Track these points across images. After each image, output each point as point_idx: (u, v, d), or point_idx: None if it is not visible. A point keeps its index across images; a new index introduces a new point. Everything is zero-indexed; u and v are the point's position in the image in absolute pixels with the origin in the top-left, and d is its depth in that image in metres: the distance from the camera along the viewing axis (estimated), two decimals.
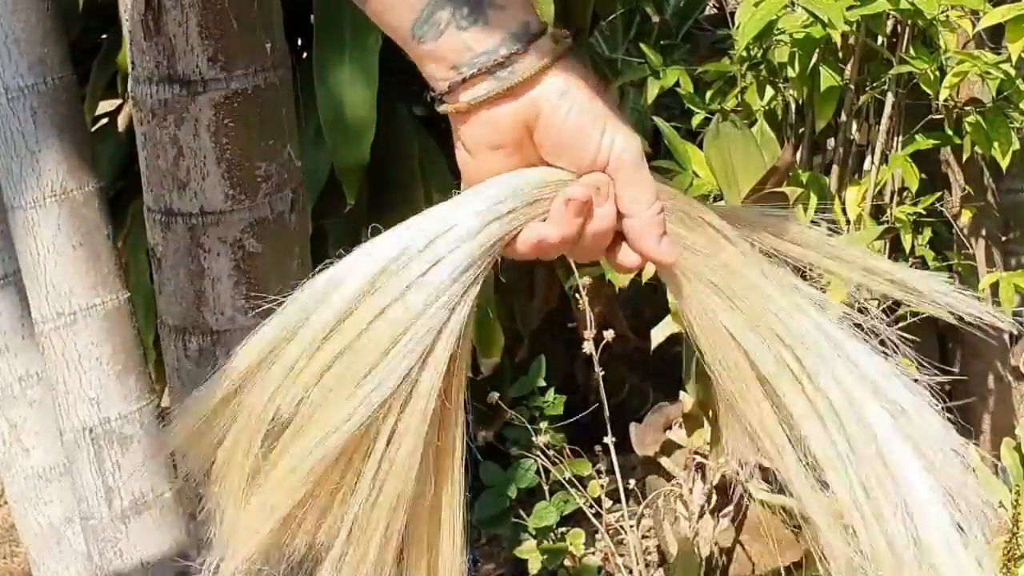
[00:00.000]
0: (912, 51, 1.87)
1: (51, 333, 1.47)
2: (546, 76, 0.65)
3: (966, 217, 2.19)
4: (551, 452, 1.95)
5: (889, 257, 2.04)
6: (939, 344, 2.40)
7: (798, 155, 2.02)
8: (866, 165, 2.02)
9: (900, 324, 0.71)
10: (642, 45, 2.11)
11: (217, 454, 0.68)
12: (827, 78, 1.89)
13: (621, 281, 1.91)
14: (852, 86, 1.95)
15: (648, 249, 0.68)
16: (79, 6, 2.06)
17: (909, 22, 1.88)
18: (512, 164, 0.68)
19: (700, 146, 1.96)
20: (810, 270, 0.74)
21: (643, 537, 2.19)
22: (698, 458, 1.92)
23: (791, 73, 1.89)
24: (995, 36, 2.00)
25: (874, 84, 1.95)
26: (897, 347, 0.73)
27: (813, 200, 1.93)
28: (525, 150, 0.67)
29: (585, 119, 0.66)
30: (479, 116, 0.66)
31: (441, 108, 0.67)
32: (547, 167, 0.68)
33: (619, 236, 0.70)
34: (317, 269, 0.68)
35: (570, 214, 0.66)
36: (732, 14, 1.98)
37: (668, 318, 1.84)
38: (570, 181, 0.67)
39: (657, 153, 2.14)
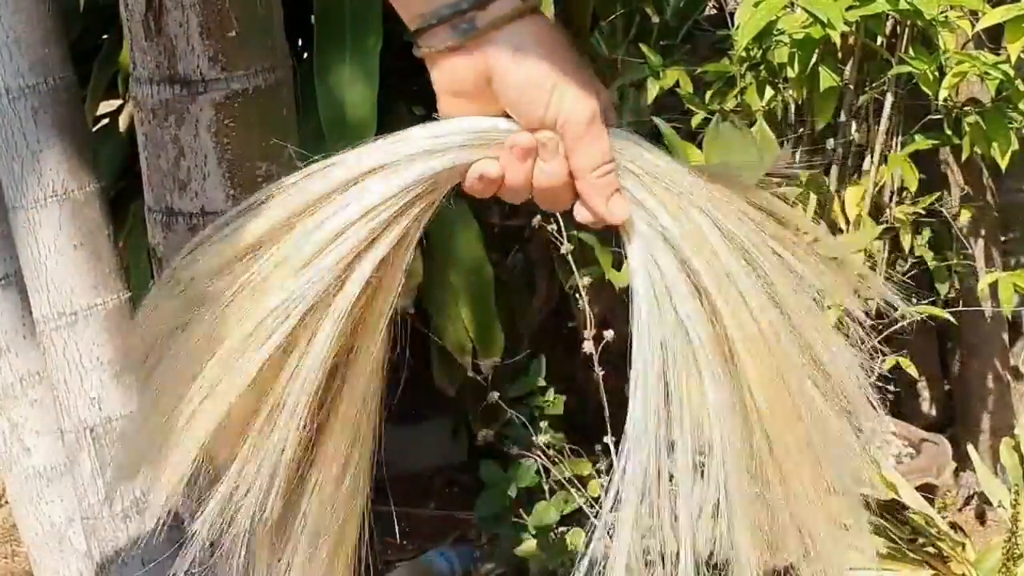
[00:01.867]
0: (911, 51, 1.88)
1: (52, 333, 1.47)
2: (501, 33, 0.67)
3: (965, 217, 2.19)
4: (551, 452, 1.95)
5: (889, 257, 2.05)
6: (939, 344, 2.41)
7: (798, 155, 2.02)
8: (865, 165, 2.02)
9: (899, 324, 0.71)
10: (642, 45, 2.11)
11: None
12: (826, 78, 1.89)
13: (621, 281, 1.91)
14: (851, 86, 1.96)
15: (596, 209, 0.70)
16: (80, 6, 2.06)
17: (908, 22, 1.88)
18: (474, 110, 0.71)
19: (700, 146, 1.96)
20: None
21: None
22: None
23: (791, 73, 1.89)
24: (994, 36, 2.00)
25: (873, 84, 1.95)
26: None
27: (813, 200, 1.94)
28: (486, 99, 0.70)
29: (534, 79, 0.68)
30: (440, 63, 0.70)
31: (415, 51, 0.72)
32: (505, 118, 0.71)
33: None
34: None
35: (514, 157, 0.69)
36: (732, 14, 1.98)
37: None
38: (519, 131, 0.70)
39: None
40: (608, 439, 1.81)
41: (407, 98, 2.02)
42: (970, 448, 2.07)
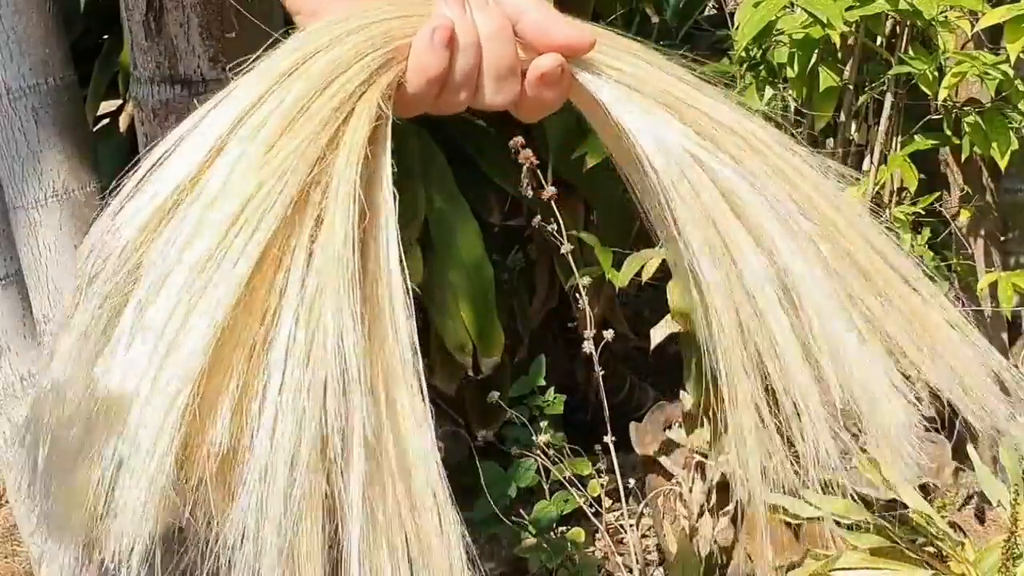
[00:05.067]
0: (911, 51, 1.88)
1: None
2: None
3: (965, 217, 2.19)
4: (551, 451, 1.96)
5: None
6: None
7: None
8: (865, 165, 2.02)
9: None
10: None
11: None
12: (826, 78, 1.90)
13: (621, 281, 1.92)
14: (851, 86, 1.96)
15: (558, 34, 0.63)
16: (81, 7, 2.06)
17: (908, 22, 1.88)
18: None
19: None
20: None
21: (643, 536, 2.20)
22: (697, 457, 1.92)
23: (790, 73, 1.89)
24: (994, 36, 2.00)
25: (873, 84, 1.95)
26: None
27: None
28: None
29: None
30: None
31: None
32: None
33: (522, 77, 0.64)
34: None
35: (439, 44, 0.61)
36: (732, 14, 1.98)
37: (667, 318, 1.85)
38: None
39: None
40: (608, 438, 1.81)
41: None
42: (970, 448, 2.07)
